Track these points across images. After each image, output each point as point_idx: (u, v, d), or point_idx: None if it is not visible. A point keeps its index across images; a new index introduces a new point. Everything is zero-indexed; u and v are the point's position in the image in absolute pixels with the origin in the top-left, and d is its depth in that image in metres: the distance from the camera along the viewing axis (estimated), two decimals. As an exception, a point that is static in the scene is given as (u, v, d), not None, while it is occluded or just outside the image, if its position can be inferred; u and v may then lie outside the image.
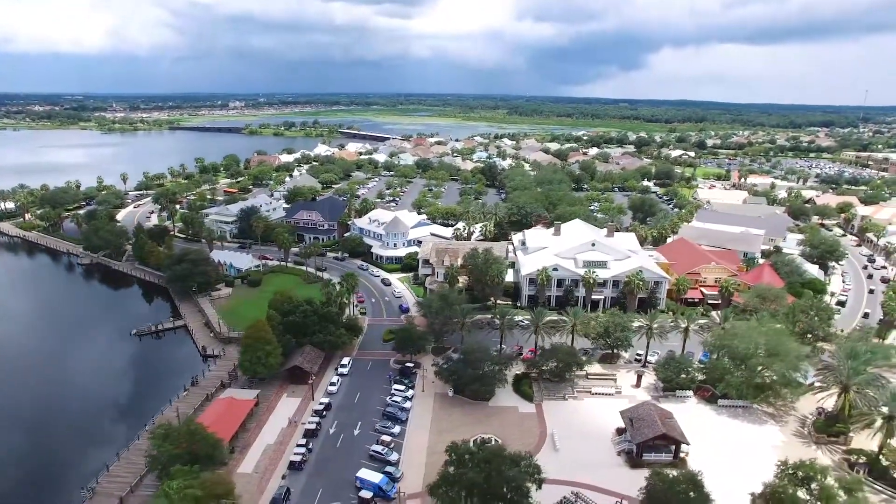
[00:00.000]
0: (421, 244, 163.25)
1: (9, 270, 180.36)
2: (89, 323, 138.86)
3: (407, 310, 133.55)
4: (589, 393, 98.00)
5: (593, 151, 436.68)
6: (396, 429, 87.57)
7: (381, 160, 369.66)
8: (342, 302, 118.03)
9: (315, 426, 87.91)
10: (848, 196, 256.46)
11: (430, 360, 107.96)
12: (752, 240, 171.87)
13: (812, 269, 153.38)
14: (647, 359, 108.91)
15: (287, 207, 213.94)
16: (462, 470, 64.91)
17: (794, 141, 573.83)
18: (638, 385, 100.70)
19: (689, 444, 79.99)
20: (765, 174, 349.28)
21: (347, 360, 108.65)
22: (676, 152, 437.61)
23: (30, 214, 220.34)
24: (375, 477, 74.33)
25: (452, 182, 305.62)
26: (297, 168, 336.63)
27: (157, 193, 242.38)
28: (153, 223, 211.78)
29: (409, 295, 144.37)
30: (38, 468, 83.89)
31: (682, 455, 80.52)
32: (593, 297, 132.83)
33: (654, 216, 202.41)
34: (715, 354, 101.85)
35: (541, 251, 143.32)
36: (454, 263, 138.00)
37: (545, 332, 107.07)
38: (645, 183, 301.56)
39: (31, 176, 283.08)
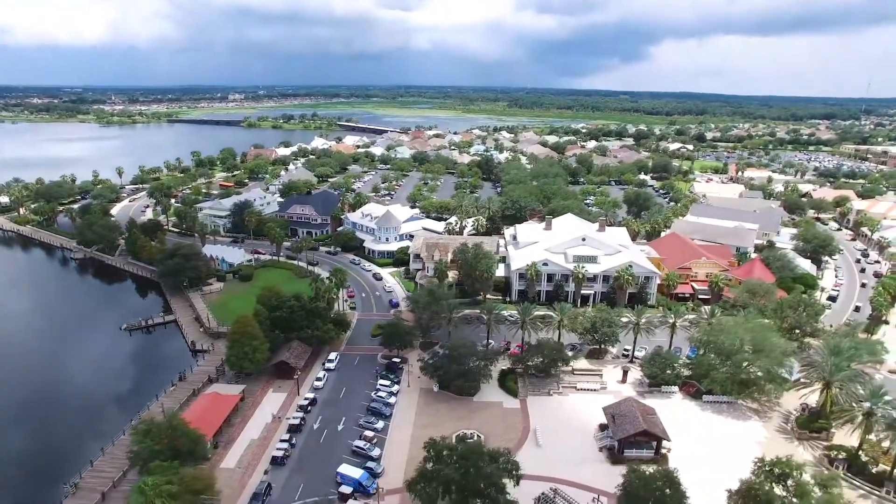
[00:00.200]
0: (413, 238, 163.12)
1: (1, 265, 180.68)
2: (80, 318, 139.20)
3: (397, 304, 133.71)
4: (574, 388, 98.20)
5: (591, 144, 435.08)
6: (380, 424, 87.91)
7: (378, 153, 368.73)
8: (330, 297, 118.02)
9: (299, 421, 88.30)
10: (845, 190, 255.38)
11: (417, 355, 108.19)
12: (746, 234, 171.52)
13: (805, 264, 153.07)
14: (633, 354, 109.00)
15: (281, 202, 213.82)
16: (439, 466, 65.19)
17: (794, 134, 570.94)
18: (624, 381, 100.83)
19: (670, 441, 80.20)
20: (763, 167, 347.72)
21: (335, 355, 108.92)
22: (675, 145, 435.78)
23: (24, 209, 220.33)
24: (356, 472, 74.72)
25: (449, 175, 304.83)
26: (293, 162, 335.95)
27: (152, 187, 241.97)
28: (148, 217, 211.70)
29: (400, 290, 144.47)
30: (22, 463, 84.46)
31: (663, 451, 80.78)
32: (583, 292, 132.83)
33: (649, 210, 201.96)
34: (701, 350, 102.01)
35: (531, 246, 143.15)
36: (444, 258, 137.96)
37: (532, 328, 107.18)
38: (642, 176, 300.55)
39: (27, 170, 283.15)
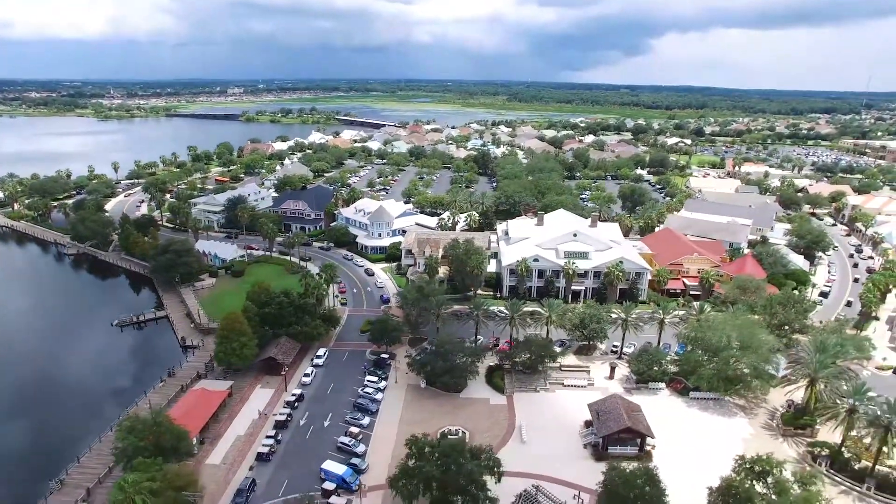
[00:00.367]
0: (406, 234, 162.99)
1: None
2: (71, 313, 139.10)
3: (388, 300, 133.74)
4: (561, 385, 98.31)
5: (589, 139, 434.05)
6: (366, 420, 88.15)
7: (375, 148, 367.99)
8: (319, 293, 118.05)
9: (285, 417, 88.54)
10: (842, 185, 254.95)
11: (405, 351, 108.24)
12: (739, 230, 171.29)
13: (798, 260, 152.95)
14: (622, 350, 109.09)
15: (276, 197, 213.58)
16: (420, 463, 65.41)
17: (793, 128, 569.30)
18: (611, 377, 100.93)
19: (654, 438, 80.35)
20: (760, 162, 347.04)
21: (323, 351, 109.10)
22: (673, 140, 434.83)
23: (18, 204, 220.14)
24: (339, 469, 74.99)
25: (445, 170, 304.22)
26: (290, 156, 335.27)
27: (146, 183, 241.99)
28: (143, 213, 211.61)
29: (392, 285, 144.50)
30: (9, 459, 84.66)
31: (647, 448, 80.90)
32: (574, 287, 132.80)
33: (643, 206, 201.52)
34: (689, 346, 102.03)
35: (523, 241, 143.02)
36: (434, 254, 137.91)
37: (520, 324, 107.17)
38: (638, 171, 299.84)
39: (23, 164, 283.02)
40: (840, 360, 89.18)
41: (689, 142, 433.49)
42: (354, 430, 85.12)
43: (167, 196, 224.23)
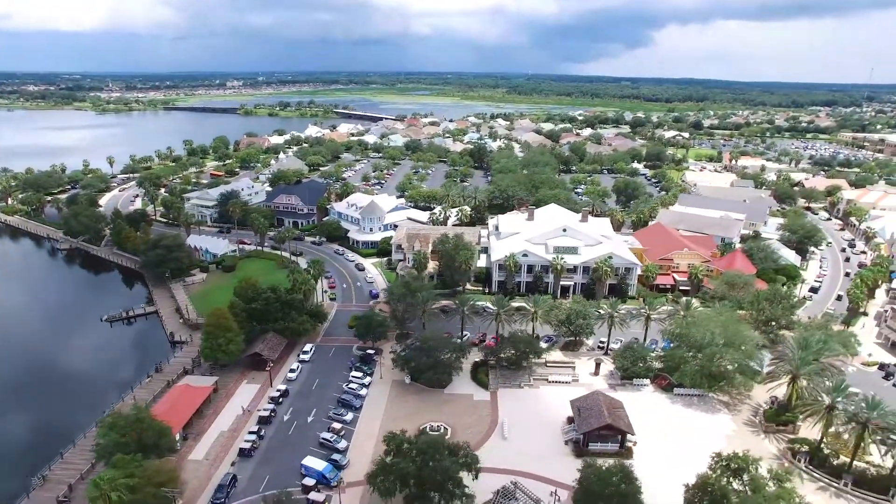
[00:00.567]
0: (397, 229, 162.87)
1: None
2: (61, 309, 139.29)
3: (377, 295, 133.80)
4: (546, 381, 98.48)
5: (587, 132, 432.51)
6: (349, 416, 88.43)
7: (372, 142, 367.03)
8: (307, 289, 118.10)
9: (269, 413, 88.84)
10: (838, 179, 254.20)
11: (391, 347, 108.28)
12: (731, 225, 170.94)
13: (789, 255, 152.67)
14: (608, 346, 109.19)
15: (269, 191, 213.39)
16: (397, 459, 65.68)
17: (792, 121, 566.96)
18: (597, 373, 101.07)
19: (634, 435, 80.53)
20: (758, 156, 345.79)
21: (310, 346, 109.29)
22: (670, 133, 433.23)
23: (12, 199, 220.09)
24: (319, 464, 75.29)
25: (441, 164, 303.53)
26: (285, 150, 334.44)
27: (141, 177, 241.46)
28: (137, 207, 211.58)
29: (382, 280, 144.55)
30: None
31: (628, 445, 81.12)
32: (563, 283, 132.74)
33: (637, 200, 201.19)
34: (674, 343, 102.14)
35: (513, 236, 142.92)
36: (424, 249, 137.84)
37: (506, 320, 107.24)
38: (634, 165, 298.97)
39: (18, 159, 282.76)
40: (824, 357, 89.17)
41: (686, 135, 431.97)
42: (337, 425, 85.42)
43: (161, 191, 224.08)
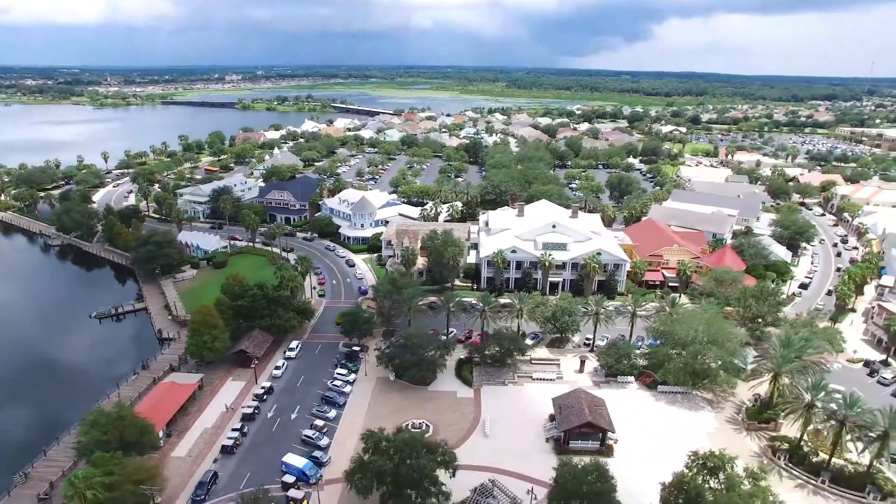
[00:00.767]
0: (388, 225, 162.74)
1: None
2: (51, 306, 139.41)
3: (365, 292, 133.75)
4: (530, 378, 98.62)
5: (584, 127, 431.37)
6: (332, 413, 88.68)
7: (368, 136, 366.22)
8: (294, 285, 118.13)
9: (253, 410, 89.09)
10: (833, 174, 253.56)
11: (375, 344, 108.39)
12: (724, 220, 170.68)
13: (780, 251, 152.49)
14: (594, 343, 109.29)
15: (262, 187, 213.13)
16: (374, 457, 65.92)
17: (791, 115, 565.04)
18: (581, 370, 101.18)
19: (614, 433, 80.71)
20: (755, 151, 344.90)
21: (297, 343, 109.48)
22: (668, 128, 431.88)
23: (4, 195, 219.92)
24: (300, 462, 75.56)
25: (437, 159, 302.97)
26: (281, 145, 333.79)
27: (135, 173, 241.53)
28: (130, 203, 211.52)
29: (371, 276, 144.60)
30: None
31: (609, 443, 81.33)
32: (552, 279, 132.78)
33: (630, 195, 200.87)
34: (659, 340, 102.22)
35: (503, 232, 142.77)
36: (413, 245, 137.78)
37: (491, 317, 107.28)
38: (630, 160, 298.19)
39: (13, 154, 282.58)
40: (806, 355, 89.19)
41: (683, 130, 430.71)
42: (319, 422, 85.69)
43: (155, 186, 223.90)
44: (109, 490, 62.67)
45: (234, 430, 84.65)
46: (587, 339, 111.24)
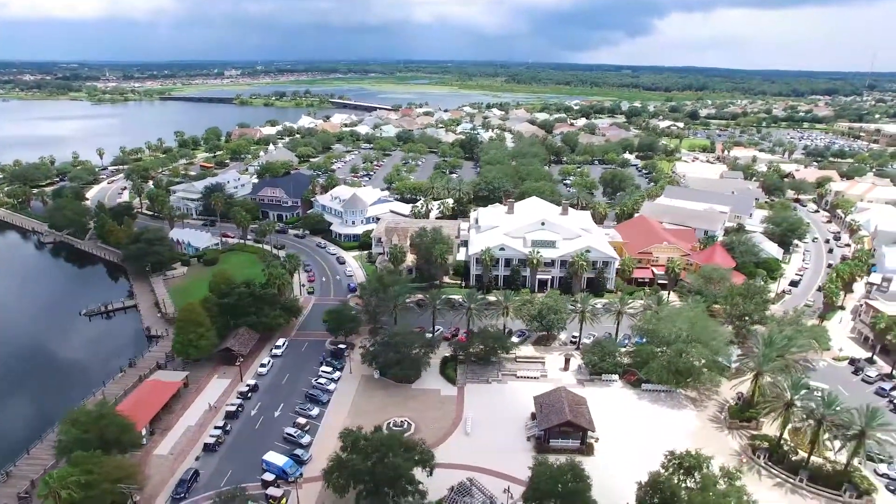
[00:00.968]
0: (378, 222, 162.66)
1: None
2: (41, 303, 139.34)
3: (354, 289, 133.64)
4: (514, 376, 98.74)
5: (581, 122, 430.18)
6: (315, 411, 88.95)
7: (364, 132, 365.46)
8: (281, 283, 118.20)
9: (236, 408, 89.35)
10: (829, 170, 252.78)
11: (361, 341, 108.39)
12: (716, 217, 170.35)
13: (772, 248, 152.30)
14: (580, 341, 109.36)
15: (255, 183, 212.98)
16: (351, 456, 66.14)
17: (790, 111, 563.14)
18: (566, 368, 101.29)
19: (594, 432, 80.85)
20: (752, 146, 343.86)
21: (283, 341, 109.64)
22: (665, 123, 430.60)
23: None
24: (280, 460, 75.83)
25: (432, 155, 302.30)
26: (276, 141, 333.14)
27: (129, 169, 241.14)
28: (123, 200, 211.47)
29: (362, 274, 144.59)
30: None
31: (590, 441, 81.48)
32: (541, 277, 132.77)
33: (623, 192, 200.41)
34: (645, 338, 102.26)
35: (492, 230, 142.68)
36: (402, 242, 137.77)
37: (476, 314, 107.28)
38: (626, 156, 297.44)
39: (9, 150, 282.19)
40: (791, 353, 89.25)
41: (681, 125, 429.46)
42: (302, 420, 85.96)
43: (150, 183, 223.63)
44: (87, 489, 62.94)
45: (216, 427, 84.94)
46: (573, 337, 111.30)
